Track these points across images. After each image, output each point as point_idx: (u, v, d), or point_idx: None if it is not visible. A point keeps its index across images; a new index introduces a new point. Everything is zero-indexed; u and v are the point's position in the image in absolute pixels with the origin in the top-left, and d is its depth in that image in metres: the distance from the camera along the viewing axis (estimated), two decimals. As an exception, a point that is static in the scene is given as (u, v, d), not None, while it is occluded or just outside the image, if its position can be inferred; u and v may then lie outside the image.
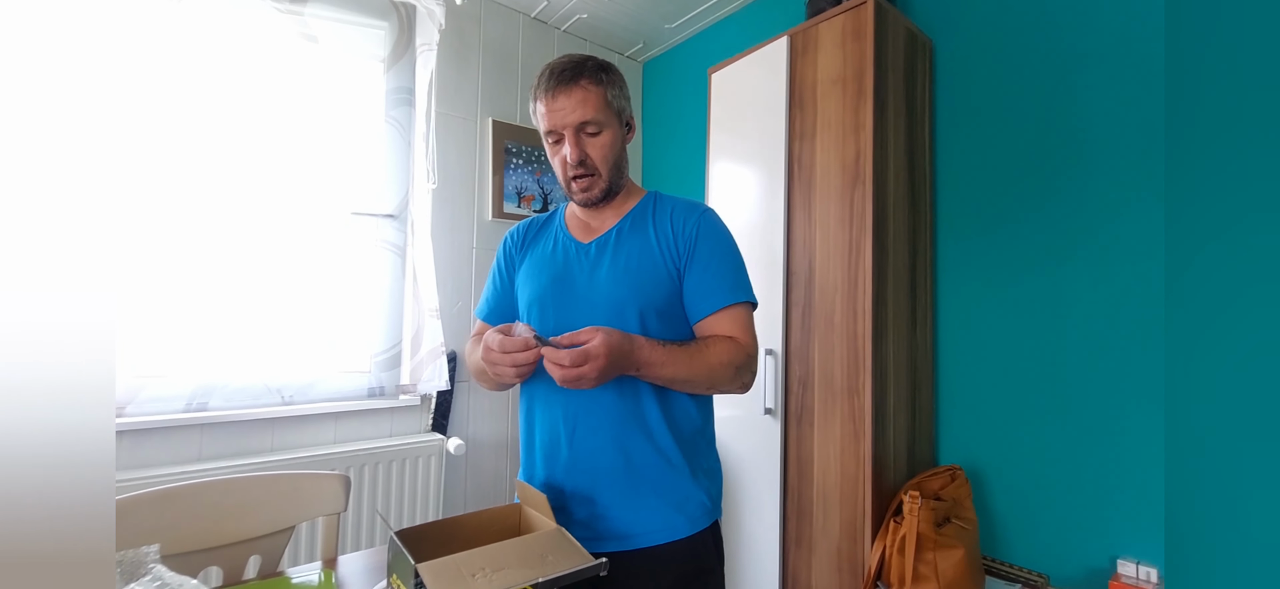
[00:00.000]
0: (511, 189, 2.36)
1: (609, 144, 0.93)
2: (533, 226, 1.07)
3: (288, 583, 0.88)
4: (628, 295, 0.90)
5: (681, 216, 0.95)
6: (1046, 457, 1.46)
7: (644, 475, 0.89)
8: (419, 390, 2.01)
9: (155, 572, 0.68)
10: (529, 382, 0.96)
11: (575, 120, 0.90)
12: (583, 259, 0.96)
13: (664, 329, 0.91)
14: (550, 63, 0.93)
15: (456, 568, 0.68)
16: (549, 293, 0.95)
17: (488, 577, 0.67)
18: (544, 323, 0.95)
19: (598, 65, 0.93)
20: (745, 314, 0.93)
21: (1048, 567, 1.44)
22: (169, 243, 1.65)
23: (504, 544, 0.75)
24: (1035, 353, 1.50)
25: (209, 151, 1.71)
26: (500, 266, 1.07)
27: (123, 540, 0.85)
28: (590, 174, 0.92)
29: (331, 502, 1.03)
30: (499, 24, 2.37)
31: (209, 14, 1.70)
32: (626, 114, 0.97)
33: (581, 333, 0.79)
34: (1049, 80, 1.49)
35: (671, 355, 0.85)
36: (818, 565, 1.58)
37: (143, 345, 1.61)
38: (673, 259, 0.93)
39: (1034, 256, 1.50)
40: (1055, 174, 1.47)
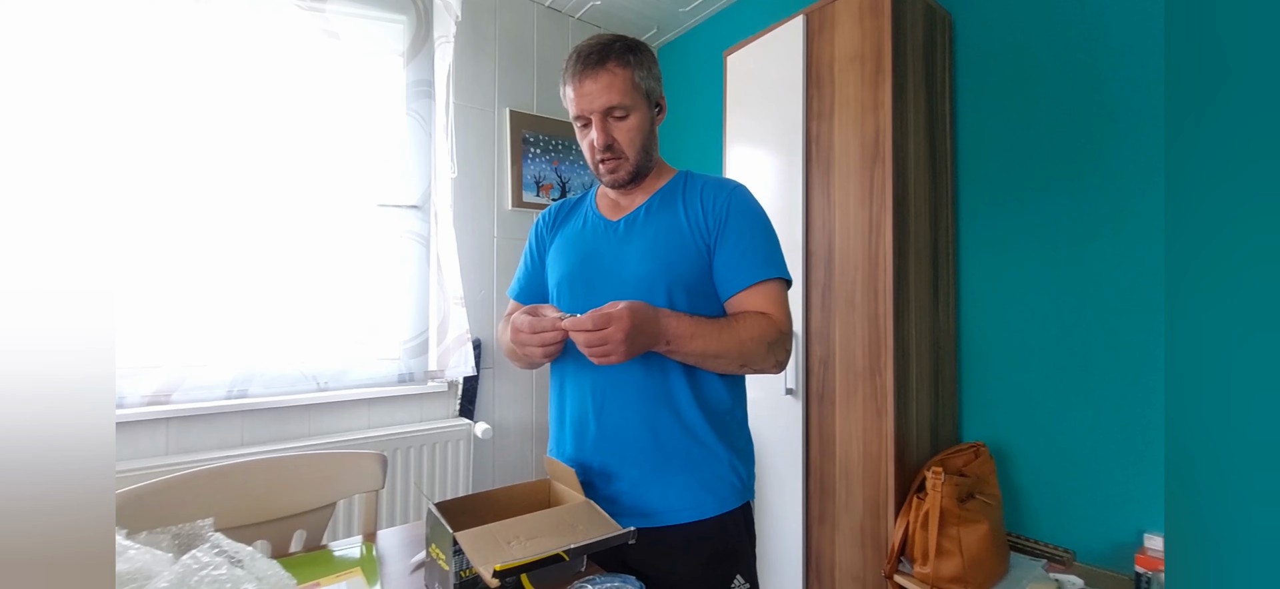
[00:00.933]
0: (530, 178, 2.39)
1: (636, 127, 0.91)
2: (565, 207, 1.07)
3: (331, 556, 0.94)
4: (656, 271, 0.90)
5: (712, 193, 0.94)
6: (1072, 432, 1.45)
7: (672, 453, 0.89)
8: (446, 376, 2.07)
9: (213, 539, 0.73)
10: (559, 359, 0.97)
11: (602, 105, 0.89)
12: (611, 236, 0.96)
13: (692, 306, 0.90)
14: (578, 45, 0.92)
15: (492, 536, 0.71)
16: (578, 271, 0.96)
17: (522, 544, 0.70)
18: (574, 300, 0.95)
19: (626, 46, 0.91)
20: (778, 290, 0.91)
21: (1074, 542, 1.44)
22: (207, 239, 1.72)
23: (536, 515, 0.78)
24: (1060, 329, 1.48)
25: (242, 150, 1.77)
26: (532, 247, 1.08)
27: (181, 515, 0.90)
28: (618, 157, 0.91)
29: (370, 479, 1.08)
30: (514, 14, 2.39)
31: (236, 15, 1.75)
32: (656, 95, 0.95)
33: (606, 306, 0.79)
34: (1073, 51, 1.46)
35: (700, 327, 0.84)
36: (841, 542, 1.60)
37: (186, 336, 1.69)
38: (702, 235, 0.91)
39: (1058, 231, 1.48)
40: (1080, 147, 1.44)
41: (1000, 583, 1.36)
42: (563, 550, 0.69)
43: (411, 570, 0.87)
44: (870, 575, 1.52)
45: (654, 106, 0.95)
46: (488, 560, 0.66)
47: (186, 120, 1.69)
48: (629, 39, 0.92)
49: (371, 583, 0.85)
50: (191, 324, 1.70)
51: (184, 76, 1.68)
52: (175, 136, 1.68)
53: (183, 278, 1.69)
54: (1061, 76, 1.48)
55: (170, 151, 1.67)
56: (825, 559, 1.64)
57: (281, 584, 0.69)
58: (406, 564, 0.89)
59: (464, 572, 0.74)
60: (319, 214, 1.91)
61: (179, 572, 0.65)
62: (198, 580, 0.65)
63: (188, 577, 0.65)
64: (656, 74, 0.95)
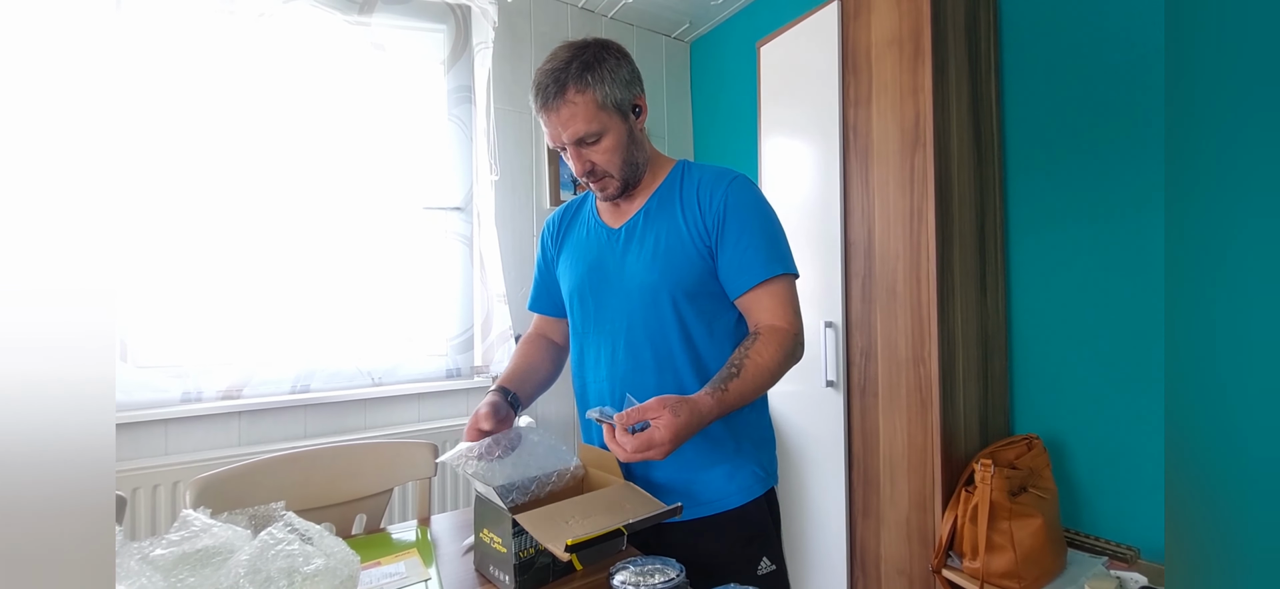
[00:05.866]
0: (567, 177, 2.44)
1: (613, 147, 0.88)
2: (567, 213, 1.07)
3: (389, 538, 1.00)
4: (658, 280, 0.90)
5: (708, 189, 0.90)
6: (1134, 422, 1.38)
7: (694, 451, 0.90)
8: (491, 372, 2.14)
9: (286, 519, 0.79)
10: (577, 356, 1.01)
11: (570, 136, 0.86)
12: (613, 246, 0.96)
13: (697, 312, 0.90)
14: (536, 73, 0.88)
15: (550, 516, 0.75)
16: (586, 283, 0.97)
17: (581, 522, 0.74)
18: (584, 313, 0.98)
19: (583, 65, 0.85)
20: (784, 288, 0.89)
21: (1138, 538, 1.37)
22: (271, 246, 1.85)
23: (586, 497, 0.82)
24: (1118, 313, 1.41)
25: (299, 161, 1.89)
26: (540, 259, 1.10)
27: (255, 498, 0.98)
28: (601, 178, 0.90)
29: (424, 467, 1.14)
30: (548, 18, 2.44)
31: (293, 32, 1.86)
32: (629, 102, 0.89)
33: (649, 408, 0.75)
34: (1127, 21, 1.38)
35: (737, 394, 0.82)
36: (886, 536, 1.57)
37: (254, 337, 1.82)
38: (701, 236, 0.89)
39: (1115, 213, 1.41)
40: (1137, 121, 1.37)
41: (1056, 579, 1.31)
42: (622, 526, 0.73)
43: (463, 553, 0.92)
44: (917, 569, 1.49)
45: (630, 114, 0.90)
46: (556, 538, 0.69)
47: (247, 137, 1.81)
48: (588, 51, 0.86)
49: (427, 564, 0.90)
50: (259, 325, 1.83)
51: (245, 93, 1.81)
52: (241, 152, 1.80)
53: (250, 283, 1.81)
54: (1116, 47, 1.40)
55: (237, 167, 1.80)
56: (870, 552, 1.62)
57: (347, 561, 0.75)
58: (459, 547, 0.94)
59: (523, 551, 0.78)
60: (370, 219, 2.01)
61: (257, 547, 0.71)
62: (274, 555, 0.71)
63: (265, 551, 0.71)
64: (625, 77, 0.88)
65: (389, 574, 0.87)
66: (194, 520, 0.75)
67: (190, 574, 0.69)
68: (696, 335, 0.91)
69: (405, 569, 0.88)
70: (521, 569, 0.78)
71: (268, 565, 0.69)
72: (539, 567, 0.80)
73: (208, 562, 0.71)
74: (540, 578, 0.80)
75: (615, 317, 0.94)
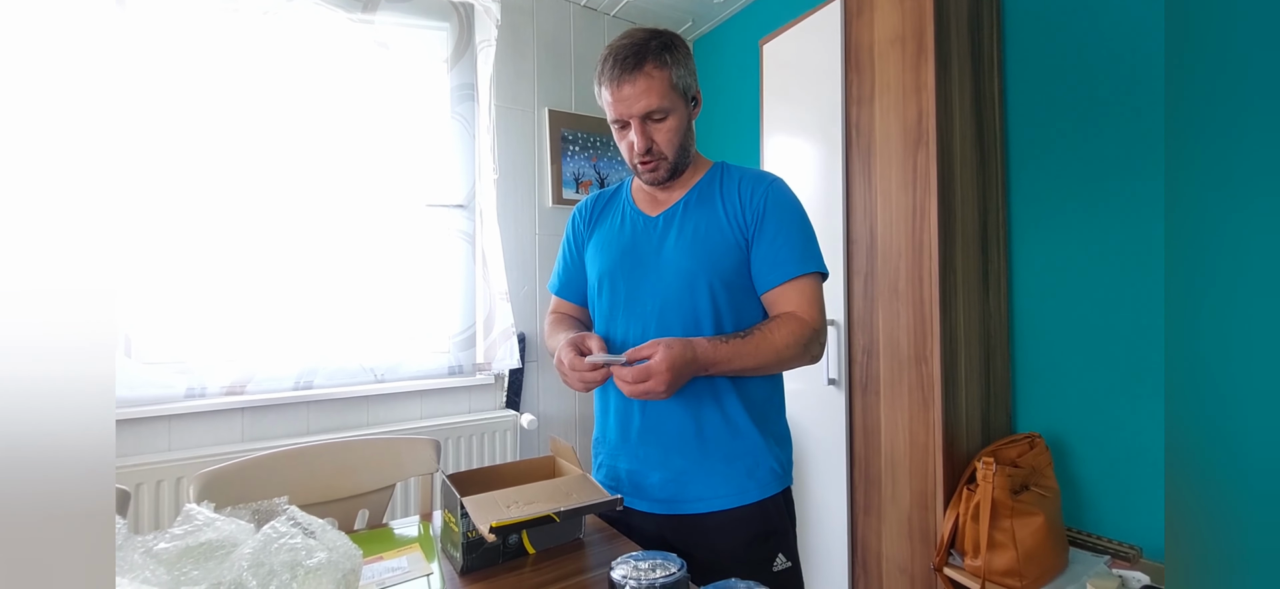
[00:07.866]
0: (569, 175, 2.44)
1: (675, 128, 0.91)
2: (600, 200, 1.08)
3: (391, 534, 1.00)
4: (696, 267, 0.91)
5: (750, 187, 0.94)
6: (1137, 422, 1.37)
7: (714, 443, 0.92)
8: (493, 369, 2.15)
9: (290, 512, 0.80)
10: (603, 339, 1.01)
11: (640, 109, 0.88)
12: (650, 232, 0.97)
13: (731, 300, 0.92)
14: (612, 45, 0.90)
15: (494, 501, 0.80)
16: (619, 267, 0.98)
17: (520, 507, 0.79)
18: (615, 296, 0.98)
19: (662, 44, 0.89)
20: (812, 286, 0.91)
21: (1140, 538, 1.36)
22: (274, 243, 1.85)
23: (538, 485, 0.87)
24: (1122, 312, 1.40)
25: (303, 159, 1.89)
26: (569, 242, 1.10)
27: (258, 493, 0.99)
28: (657, 159, 0.92)
29: (425, 463, 1.14)
30: (551, 16, 2.44)
31: (298, 30, 1.87)
32: (692, 90, 0.94)
33: (643, 348, 0.81)
34: (1129, 20, 1.37)
35: (736, 350, 0.85)
36: (888, 533, 1.57)
37: (257, 333, 1.82)
38: (740, 229, 0.92)
39: (1118, 211, 1.40)
40: (1141, 122, 1.36)
41: (1058, 578, 1.31)
42: (553, 512, 0.78)
43: (465, 547, 0.93)
44: (918, 567, 1.49)
45: (691, 102, 0.94)
46: (485, 519, 0.76)
47: (251, 134, 1.82)
48: (664, 35, 0.90)
49: (429, 559, 0.90)
50: (262, 322, 1.83)
51: (248, 91, 1.81)
52: (244, 150, 1.81)
53: (254, 280, 1.82)
54: (1118, 46, 1.40)
55: (241, 165, 1.80)
56: (871, 550, 1.62)
57: (349, 554, 0.75)
58: (460, 542, 0.95)
59: (470, 532, 0.82)
60: (373, 216, 2.02)
61: (260, 540, 0.72)
62: (276, 548, 0.71)
63: (268, 545, 0.71)
64: (692, 68, 0.93)
65: (391, 568, 0.87)
66: (197, 515, 0.76)
67: (194, 567, 0.70)
68: (727, 323, 0.92)
69: (407, 564, 0.88)
70: (469, 548, 0.82)
71: (270, 559, 0.69)
72: (488, 549, 0.83)
73: (211, 555, 0.72)
74: (489, 559, 0.84)
75: (648, 300, 0.94)
